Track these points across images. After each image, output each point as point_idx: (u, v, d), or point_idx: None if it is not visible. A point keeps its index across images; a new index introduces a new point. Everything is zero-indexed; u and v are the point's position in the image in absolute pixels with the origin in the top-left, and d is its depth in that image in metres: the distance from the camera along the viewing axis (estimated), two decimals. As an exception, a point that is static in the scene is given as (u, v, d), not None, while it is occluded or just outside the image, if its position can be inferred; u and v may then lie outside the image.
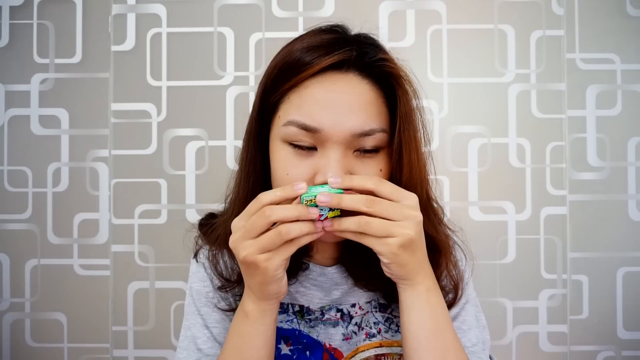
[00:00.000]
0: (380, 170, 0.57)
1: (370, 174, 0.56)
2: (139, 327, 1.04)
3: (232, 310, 0.65)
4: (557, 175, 1.03)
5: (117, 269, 1.04)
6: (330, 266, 0.67)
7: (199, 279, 0.69)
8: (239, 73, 1.04)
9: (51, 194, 1.05)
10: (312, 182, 0.55)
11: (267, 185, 0.61)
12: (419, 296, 0.54)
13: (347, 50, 0.56)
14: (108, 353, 1.04)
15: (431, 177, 0.65)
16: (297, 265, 0.65)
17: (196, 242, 0.71)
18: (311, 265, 0.67)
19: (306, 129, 0.55)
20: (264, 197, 0.51)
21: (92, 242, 1.04)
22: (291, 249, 0.52)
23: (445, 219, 0.69)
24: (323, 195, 0.50)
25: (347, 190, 0.51)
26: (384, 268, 0.54)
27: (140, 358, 1.04)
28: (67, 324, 1.04)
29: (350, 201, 0.50)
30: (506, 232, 1.03)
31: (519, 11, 1.04)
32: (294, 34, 0.63)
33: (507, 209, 1.04)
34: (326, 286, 0.67)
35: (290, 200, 0.51)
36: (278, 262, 0.51)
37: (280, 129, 0.57)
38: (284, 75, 0.57)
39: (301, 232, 0.50)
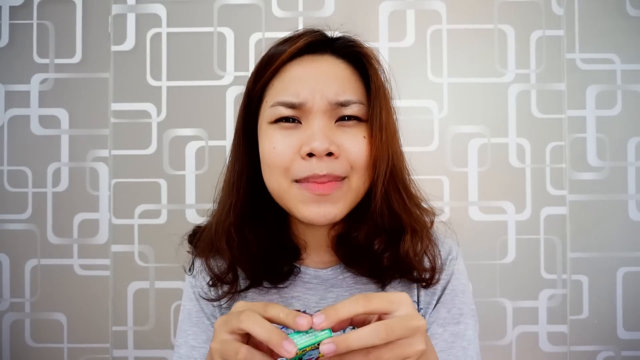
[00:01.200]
0: (364, 137, 0.60)
1: (355, 141, 0.59)
2: (139, 327, 1.04)
3: (218, 299, 0.67)
4: (557, 175, 1.03)
5: (117, 269, 1.04)
6: (324, 268, 0.67)
7: (189, 299, 0.70)
8: (239, 73, 1.04)
9: (51, 194, 1.05)
10: (297, 154, 0.57)
11: (253, 178, 0.63)
12: None
13: (320, 34, 0.63)
14: (108, 353, 1.04)
15: (413, 177, 0.67)
16: (289, 270, 0.65)
17: (193, 259, 0.72)
18: (303, 268, 0.67)
19: (291, 106, 0.58)
20: (245, 322, 0.44)
21: (92, 242, 1.04)
22: None
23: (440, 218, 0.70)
24: (326, 345, 0.42)
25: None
26: None
27: (140, 358, 1.04)
28: (67, 324, 1.04)
29: (359, 340, 0.42)
30: (506, 232, 1.03)
31: (519, 11, 1.04)
32: (294, 34, 0.64)
33: (507, 209, 1.04)
34: (321, 288, 0.66)
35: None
36: None
37: (266, 112, 0.60)
38: (265, 66, 0.62)
39: None
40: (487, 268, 1.03)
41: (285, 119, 0.59)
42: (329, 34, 0.65)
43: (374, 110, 0.59)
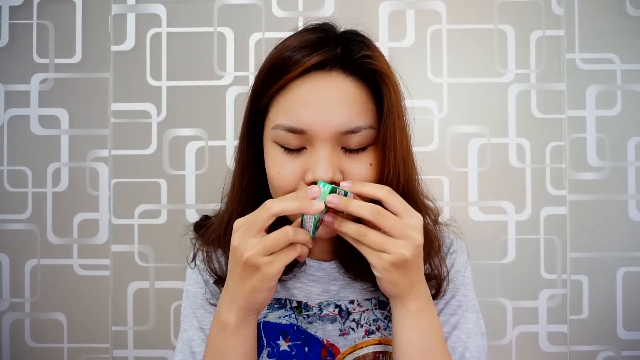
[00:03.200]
0: (370, 164, 0.58)
1: (360, 169, 0.57)
2: (139, 327, 1.04)
3: None
4: (557, 175, 1.03)
5: (117, 269, 1.04)
6: (327, 261, 0.68)
7: (194, 282, 0.70)
8: (239, 73, 1.04)
9: (51, 194, 1.05)
10: (302, 179, 0.57)
11: (260, 184, 0.63)
12: (409, 315, 0.55)
13: (330, 49, 0.57)
14: (108, 353, 1.04)
15: (421, 177, 0.66)
16: (293, 261, 0.66)
17: (194, 246, 0.71)
18: (308, 260, 0.67)
19: (293, 131, 0.56)
20: (274, 206, 0.51)
21: (92, 242, 1.04)
22: (292, 255, 0.52)
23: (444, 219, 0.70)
24: (333, 196, 0.51)
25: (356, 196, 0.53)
26: (378, 282, 0.55)
27: (140, 358, 1.04)
28: (67, 324, 1.04)
29: (357, 207, 0.51)
30: (506, 232, 1.03)
31: (519, 11, 1.04)
32: (294, 34, 0.63)
33: (507, 209, 1.04)
34: (324, 281, 0.67)
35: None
36: (279, 267, 0.51)
37: (270, 132, 0.58)
38: (271, 77, 0.58)
39: (305, 239, 0.52)
40: (487, 268, 1.03)
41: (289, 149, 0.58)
42: (339, 28, 0.62)
43: (386, 132, 0.57)
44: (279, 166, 0.58)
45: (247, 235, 0.51)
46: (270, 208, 0.50)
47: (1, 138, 1.05)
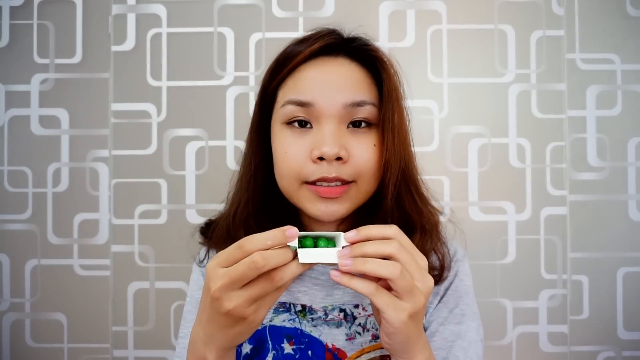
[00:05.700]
0: (374, 145, 0.60)
1: (365, 148, 0.60)
2: (139, 327, 1.04)
3: None
4: (557, 176, 1.03)
5: (117, 269, 1.04)
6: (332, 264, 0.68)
7: (199, 287, 0.71)
8: (239, 73, 1.04)
9: (51, 194, 1.05)
10: (308, 158, 0.58)
11: (267, 172, 0.65)
12: None
13: (336, 36, 0.64)
14: (108, 353, 1.04)
15: (422, 177, 0.68)
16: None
17: (207, 251, 0.72)
18: None
19: (301, 104, 0.59)
20: (249, 244, 0.45)
21: (92, 242, 1.04)
22: (278, 295, 0.48)
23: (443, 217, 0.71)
24: (343, 257, 0.46)
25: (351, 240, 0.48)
26: (382, 338, 0.50)
27: (141, 358, 1.04)
28: (67, 324, 1.04)
29: (377, 268, 0.45)
30: (506, 232, 1.03)
31: (519, 11, 1.04)
32: (294, 34, 0.66)
33: (507, 209, 1.04)
34: (328, 285, 0.67)
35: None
36: (265, 312, 0.47)
37: (278, 112, 0.61)
38: (281, 65, 0.63)
39: (294, 275, 0.46)
40: (487, 268, 1.03)
41: (298, 122, 0.60)
42: (345, 34, 0.66)
43: (387, 113, 0.60)
44: (286, 146, 0.60)
45: (230, 288, 0.45)
46: (263, 267, 0.43)
47: (1, 138, 1.05)
